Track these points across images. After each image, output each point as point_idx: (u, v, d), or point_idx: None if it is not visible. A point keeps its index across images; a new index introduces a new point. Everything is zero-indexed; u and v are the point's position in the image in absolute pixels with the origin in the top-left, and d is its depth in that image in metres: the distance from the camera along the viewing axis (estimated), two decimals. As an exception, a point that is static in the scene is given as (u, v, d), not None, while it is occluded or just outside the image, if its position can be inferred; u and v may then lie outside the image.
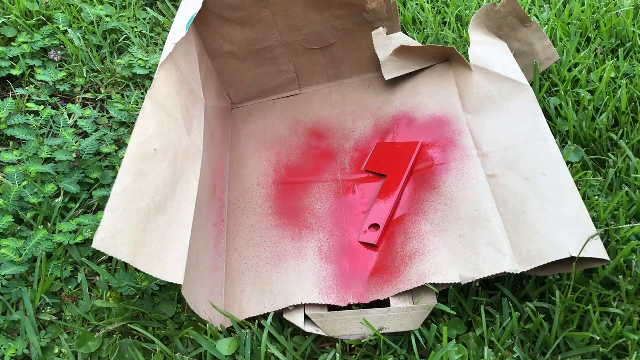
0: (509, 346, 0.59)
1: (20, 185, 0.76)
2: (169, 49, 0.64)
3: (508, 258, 0.59)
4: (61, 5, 1.05)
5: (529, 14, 0.99)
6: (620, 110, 0.80)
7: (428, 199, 0.68)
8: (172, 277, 0.53)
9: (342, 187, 0.74)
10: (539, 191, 0.62)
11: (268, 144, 0.82)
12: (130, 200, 0.53)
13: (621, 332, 0.57)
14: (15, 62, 0.96)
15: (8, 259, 0.68)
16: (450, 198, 0.66)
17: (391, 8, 0.78)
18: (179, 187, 0.60)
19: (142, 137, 0.58)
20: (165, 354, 0.60)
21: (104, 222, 0.50)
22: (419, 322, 0.58)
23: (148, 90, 0.61)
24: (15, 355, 0.62)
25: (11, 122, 0.86)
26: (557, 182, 0.62)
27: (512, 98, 0.72)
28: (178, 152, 0.62)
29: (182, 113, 0.66)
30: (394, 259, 0.63)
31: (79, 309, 0.65)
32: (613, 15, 0.95)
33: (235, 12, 0.76)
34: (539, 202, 0.61)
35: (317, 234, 0.69)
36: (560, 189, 0.62)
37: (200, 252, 0.63)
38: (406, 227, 0.66)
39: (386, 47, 0.79)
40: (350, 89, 0.86)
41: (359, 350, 0.59)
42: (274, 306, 0.61)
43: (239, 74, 0.85)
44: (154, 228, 0.54)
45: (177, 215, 0.58)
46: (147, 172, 0.56)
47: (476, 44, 0.80)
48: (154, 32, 1.04)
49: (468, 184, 0.67)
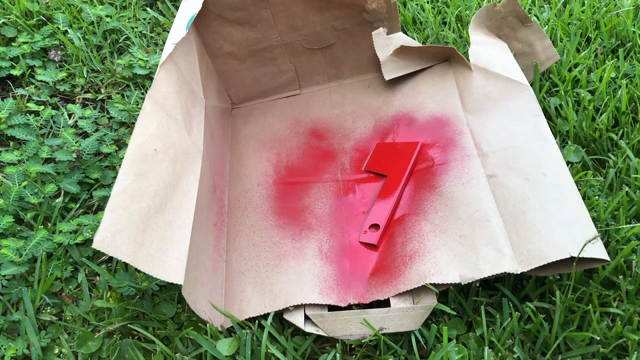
0: (509, 346, 0.59)
1: (20, 185, 0.76)
2: (169, 49, 0.64)
3: (508, 258, 0.59)
4: (61, 5, 1.05)
5: (529, 14, 0.99)
6: (620, 110, 0.80)
7: (428, 199, 0.68)
8: (172, 277, 0.53)
9: (342, 187, 0.74)
10: (539, 191, 0.62)
11: (268, 144, 0.82)
12: (130, 200, 0.53)
13: (621, 332, 0.57)
14: (15, 62, 0.96)
15: (8, 259, 0.68)
16: (450, 198, 0.66)
17: (391, 8, 0.78)
18: (179, 187, 0.60)
19: (142, 137, 0.57)
20: (165, 354, 0.60)
21: (104, 222, 0.50)
22: (419, 322, 0.58)
23: (148, 90, 0.61)
24: (15, 355, 0.62)
25: (11, 122, 0.86)
26: (557, 182, 0.62)
27: (512, 98, 0.72)
28: (178, 152, 0.62)
29: (182, 113, 0.66)
30: (394, 259, 0.63)
31: (79, 309, 0.65)
32: (613, 15, 0.95)
33: (235, 12, 0.75)
34: (539, 202, 0.61)
35: (317, 234, 0.69)
36: (560, 189, 0.62)
37: (201, 252, 0.63)
38: (406, 227, 0.66)
39: (386, 47, 0.79)
40: (350, 89, 0.86)
41: (359, 350, 0.59)
42: (274, 306, 0.61)
43: (239, 74, 0.85)
44: (154, 228, 0.54)
45: (177, 215, 0.58)
46: (147, 172, 0.56)
47: (476, 44, 0.80)
48: (154, 32, 1.04)
49: (468, 184, 0.67)
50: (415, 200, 0.69)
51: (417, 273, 0.60)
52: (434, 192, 0.68)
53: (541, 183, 0.63)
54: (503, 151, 0.68)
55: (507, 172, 0.66)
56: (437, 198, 0.67)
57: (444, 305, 0.59)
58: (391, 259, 0.64)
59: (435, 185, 0.69)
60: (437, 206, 0.67)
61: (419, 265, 0.61)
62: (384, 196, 0.71)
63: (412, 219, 0.67)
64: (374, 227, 0.68)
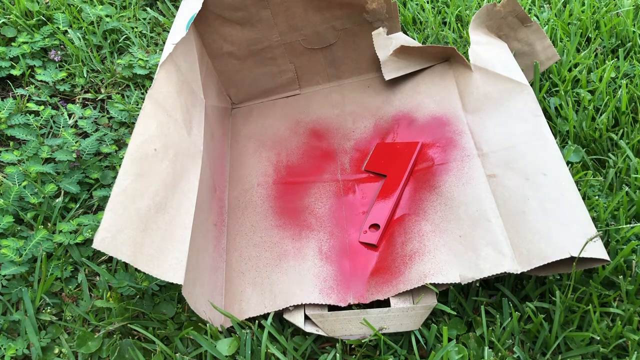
0: (509, 346, 0.59)
1: (20, 185, 0.76)
2: (169, 49, 0.64)
3: (508, 258, 0.59)
4: (61, 5, 1.05)
5: (529, 14, 0.99)
6: (620, 110, 0.80)
7: (428, 199, 0.68)
8: (172, 277, 0.53)
9: (342, 187, 0.74)
10: (539, 191, 0.62)
11: (268, 144, 0.82)
12: (130, 200, 0.53)
13: (621, 332, 0.57)
14: (15, 62, 0.96)
15: (8, 259, 0.68)
16: (450, 198, 0.66)
17: (391, 8, 0.78)
18: (179, 187, 0.60)
19: (142, 137, 0.57)
20: (165, 353, 0.60)
21: (104, 222, 0.50)
22: (419, 322, 0.58)
23: (148, 90, 0.61)
24: (15, 355, 0.62)
25: (11, 122, 0.86)
26: (557, 182, 0.62)
27: (512, 98, 0.72)
28: (178, 152, 0.62)
29: (182, 113, 0.66)
30: (394, 259, 0.63)
31: (79, 309, 0.65)
32: (613, 15, 0.95)
33: (235, 12, 0.75)
34: (538, 202, 0.61)
35: (317, 234, 0.69)
36: (560, 189, 0.62)
37: (200, 252, 0.63)
38: (406, 227, 0.66)
39: (386, 47, 0.79)
40: (350, 89, 0.86)
41: (359, 350, 0.59)
42: (274, 306, 0.61)
43: (239, 74, 0.85)
44: (154, 228, 0.54)
45: (177, 215, 0.58)
46: (147, 172, 0.56)
47: (476, 44, 0.80)
48: (154, 32, 1.04)
49: (468, 184, 0.67)
50: (415, 200, 0.69)
51: (417, 273, 0.60)
52: (434, 192, 0.68)
53: (541, 183, 0.63)
54: (503, 151, 0.68)
55: (507, 172, 0.66)
56: (437, 198, 0.67)
57: (443, 305, 0.59)
58: (391, 259, 0.64)
59: (435, 185, 0.69)
60: (437, 206, 0.67)
61: (419, 265, 0.61)
62: (384, 196, 0.71)
63: (412, 219, 0.67)
64: (374, 227, 0.68)
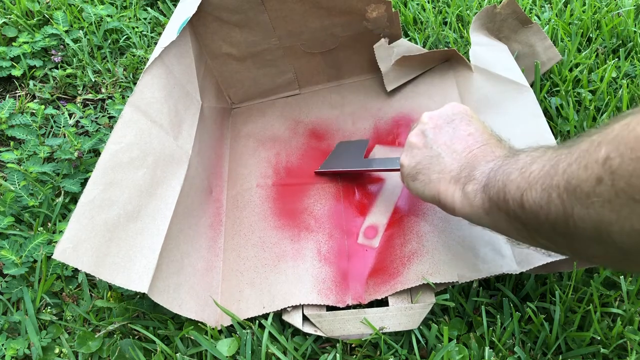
0: (510, 346, 0.59)
1: (20, 185, 0.77)
2: (157, 53, 0.63)
3: (507, 258, 0.59)
4: (62, 5, 1.05)
5: (530, 14, 0.99)
6: (621, 110, 0.80)
7: (428, 199, 0.68)
8: (137, 285, 0.52)
9: (341, 189, 0.74)
10: (539, 191, 0.62)
11: (268, 144, 0.82)
12: (97, 210, 0.52)
13: (622, 332, 0.57)
14: (16, 62, 0.96)
15: (8, 259, 0.68)
16: (451, 198, 0.66)
17: (392, 16, 0.76)
18: (156, 194, 0.59)
19: (117, 145, 0.57)
20: (165, 353, 0.60)
21: (66, 233, 0.49)
22: (417, 321, 0.58)
23: (129, 98, 0.60)
24: (16, 355, 0.62)
25: (11, 122, 0.86)
26: (557, 183, 0.62)
27: (512, 99, 0.72)
28: (159, 159, 0.61)
29: (170, 117, 0.65)
30: (393, 260, 0.63)
31: (80, 309, 0.65)
32: (614, 15, 0.95)
33: (233, 15, 0.75)
34: (539, 203, 0.61)
35: (316, 236, 0.69)
36: (561, 189, 0.61)
37: (186, 257, 0.62)
38: (405, 229, 0.66)
39: (388, 57, 0.78)
40: (350, 90, 0.86)
41: (359, 350, 0.59)
42: (273, 307, 0.61)
43: (239, 75, 0.85)
44: (122, 237, 0.54)
45: (152, 223, 0.57)
46: (120, 180, 0.55)
47: (477, 45, 0.79)
48: (155, 32, 1.04)
49: (468, 184, 0.67)
50: (415, 201, 0.69)
51: (415, 273, 0.60)
52: (434, 192, 0.68)
53: (541, 183, 0.63)
54: (503, 151, 0.68)
55: (508, 172, 0.66)
56: (437, 198, 0.67)
57: (443, 298, 0.59)
58: (390, 260, 0.64)
59: (435, 186, 0.69)
60: (436, 207, 0.66)
61: (418, 265, 0.61)
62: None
63: (411, 220, 0.67)
64: (372, 228, 0.68)
